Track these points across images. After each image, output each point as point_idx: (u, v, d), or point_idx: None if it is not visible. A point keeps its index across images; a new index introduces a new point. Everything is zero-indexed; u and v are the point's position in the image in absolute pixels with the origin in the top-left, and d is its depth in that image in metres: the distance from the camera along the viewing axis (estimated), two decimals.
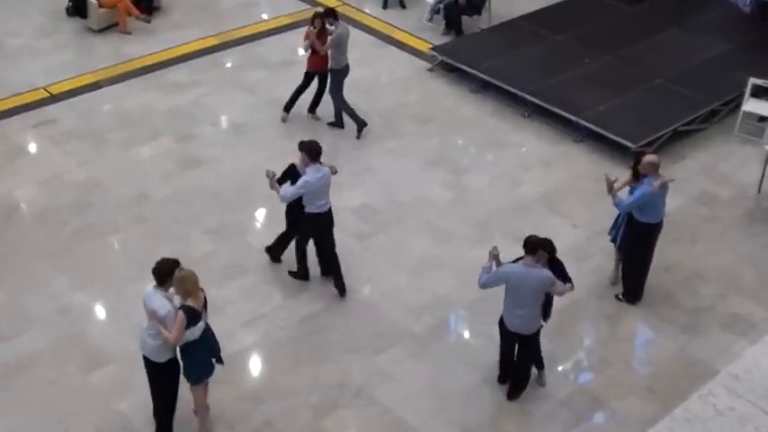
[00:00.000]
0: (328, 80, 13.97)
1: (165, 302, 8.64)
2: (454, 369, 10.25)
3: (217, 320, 9.94)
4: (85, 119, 14.32)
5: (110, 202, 12.57)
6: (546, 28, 16.84)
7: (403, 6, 18.16)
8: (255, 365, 10.35)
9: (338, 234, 12.06)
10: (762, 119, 14.53)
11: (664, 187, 10.59)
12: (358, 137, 13.98)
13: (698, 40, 16.61)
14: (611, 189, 10.48)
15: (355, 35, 17.02)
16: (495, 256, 9.48)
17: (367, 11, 18.03)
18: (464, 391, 10.00)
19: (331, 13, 13.73)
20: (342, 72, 13.81)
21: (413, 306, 11.08)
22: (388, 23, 17.55)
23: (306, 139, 12.65)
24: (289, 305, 11.05)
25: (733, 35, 16.80)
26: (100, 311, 10.98)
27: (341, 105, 13.98)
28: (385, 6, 18.11)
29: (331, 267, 11.17)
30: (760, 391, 5.33)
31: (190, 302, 8.59)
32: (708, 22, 17.31)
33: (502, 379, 10.06)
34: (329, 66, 13.79)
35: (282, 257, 11.56)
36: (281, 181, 10.64)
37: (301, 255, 11.21)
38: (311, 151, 10.43)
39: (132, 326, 10.49)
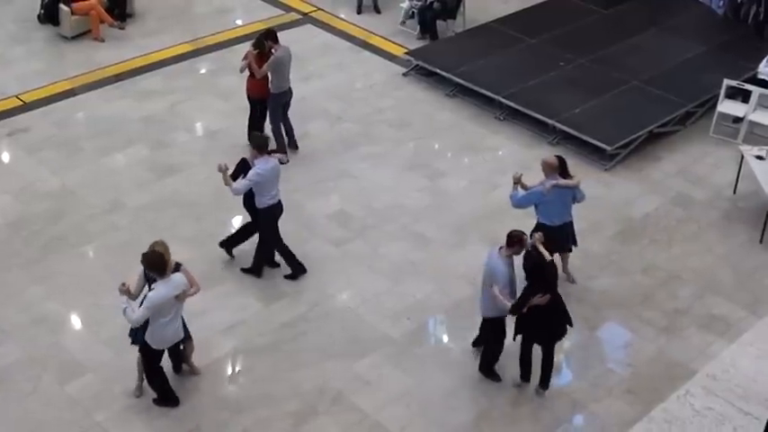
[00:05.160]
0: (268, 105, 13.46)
1: (179, 276, 9.19)
2: (433, 374, 10.22)
3: (195, 328, 9.96)
4: (59, 127, 14.21)
5: (84, 210, 12.48)
6: (521, 31, 16.86)
7: (377, 11, 18.14)
8: (234, 373, 10.27)
9: (316, 240, 12.09)
10: (736, 120, 14.60)
11: (561, 189, 10.71)
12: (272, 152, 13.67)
13: (673, 42, 16.67)
14: (515, 183, 10.81)
15: (330, 41, 17.08)
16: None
17: (342, 16, 18.00)
18: (443, 396, 9.97)
19: (271, 35, 13.14)
20: (281, 96, 13.32)
21: (391, 311, 11.05)
22: (362, 28, 17.52)
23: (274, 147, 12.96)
24: (267, 312, 11.00)
25: (707, 37, 16.87)
26: (76, 321, 10.88)
27: (276, 129, 13.48)
28: (359, 11, 18.08)
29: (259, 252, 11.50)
30: (738, 391, 5.34)
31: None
32: (682, 24, 17.39)
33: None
34: (270, 90, 13.27)
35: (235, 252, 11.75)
36: (234, 176, 10.92)
37: (286, 252, 11.40)
38: (259, 144, 10.93)
39: (109, 335, 10.45)
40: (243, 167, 11.00)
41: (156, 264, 9.01)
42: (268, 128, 13.65)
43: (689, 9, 17.95)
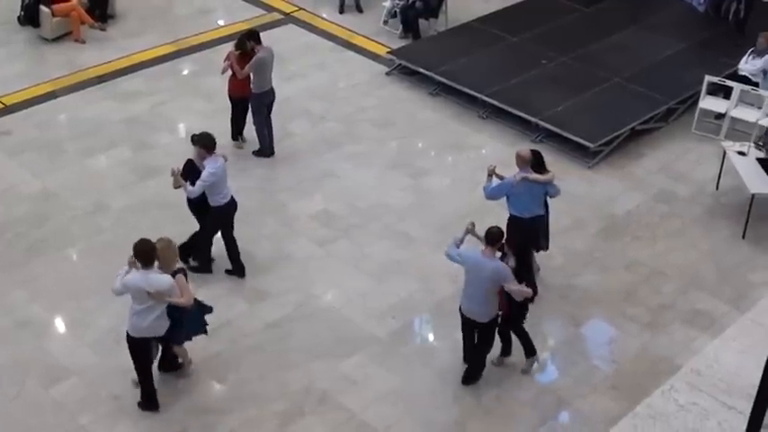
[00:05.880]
0: (250, 105, 13.44)
1: (164, 277, 9.06)
2: (419, 372, 10.23)
3: None
4: (40, 129, 14.14)
5: (67, 213, 12.43)
6: (503, 30, 16.90)
7: (360, 11, 18.14)
8: (220, 374, 10.24)
9: (300, 240, 12.08)
10: (718, 116, 14.68)
11: (531, 183, 10.75)
12: (255, 153, 13.64)
13: (654, 40, 16.74)
14: (489, 175, 10.92)
15: (312, 40, 17.07)
16: (468, 231, 9.73)
17: (324, 16, 18.00)
18: (429, 394, 9.99)
19: (253, 36, 13.11)
20: (264, 96, 13.24)
21: (376, 311, 11.05)
22: (345, 28, 17.52)
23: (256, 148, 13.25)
24: (252, 312, 10.98)
25: (688, 34, 16.96)
26: (60, 324, 10.84)
27: (260, 129, 13.49)
28: (342, 11, 18.08)
29: (232, 253, 11.42)
30: (721, 386, 5.37)
31: (178, 265, 9.27)
32: (663, 21, 17.46)
33: (465, 358, 10.20)
34: (251, 90, 13.22)
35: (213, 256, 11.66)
36: (182, 177, 10.84)
37: (207, 248, 11.43)
38: (208, 143, 10.79)
39: (94, 338, 10.42)
40: (190, 169, 10.90)
41: (141, 253, 9.02)
42: (249, 129, 13.66)
43: (670, 6, 18.02)
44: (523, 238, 10.37)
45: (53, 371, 10.11)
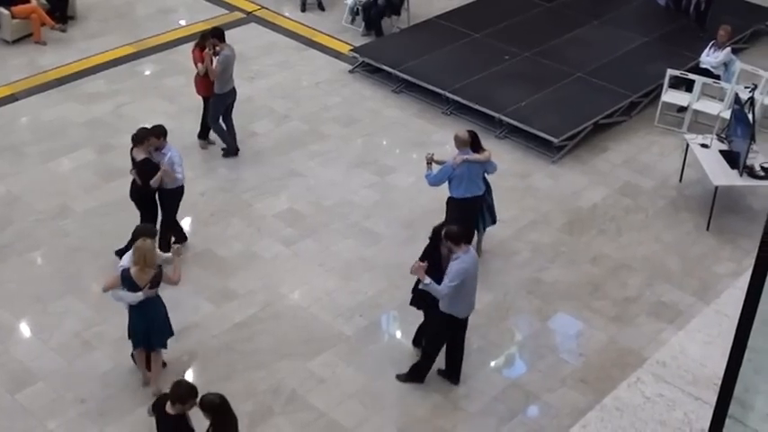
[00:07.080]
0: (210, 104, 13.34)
1: (124, 260, 9.55)
2: (387, 370, 10.22)
3: None
4: (2, 133, 13.98)
5: (30, 216, 12.30)
6: (465, 26, 16.93)
7: (322, 8, 18.11)
8: (188, 376, 10.19)
9: (266, 240, 12.04)
10: (680, 109, 14.79)
11: (471, 164, 10.98)
12: (223, 155, 13.61)
13: (616, 34, 16.86)
14: (428, 163, 11.12)
15: (275, 39, 17.02)
16: (419, 267, 9.34)
17: (286, 14, 17.95)
18: (398, 392, 9.99)
19: (217, 33, 13.03)
20: (226, 97, 13.15)
21: (343, 309, 11.04)
22: (307, 26, 17.48)
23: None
24: (219, 313, 10.93)
25: (650, 28, 17.09)
26: (25, 329, 10.72)
27: (217, 129, 13.43)
28: (303, 9, 18.03)
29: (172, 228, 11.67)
30: (687, 377, 5.42)
31: (133, 270, 9.24)
32: (625, 15, 17.60)
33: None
34: (214, 90, 13.07)
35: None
36: (146, 176, 11.02)
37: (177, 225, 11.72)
38: (163, 131, 11.11)
39: (60, 342, 10.33)
40: (150, 165, 10.96)
41: (136, 232, 9.62)
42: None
43: (631, 1, 18.17)
44: (465, 218, 10.55)
45: (19, 376, 10.01)
